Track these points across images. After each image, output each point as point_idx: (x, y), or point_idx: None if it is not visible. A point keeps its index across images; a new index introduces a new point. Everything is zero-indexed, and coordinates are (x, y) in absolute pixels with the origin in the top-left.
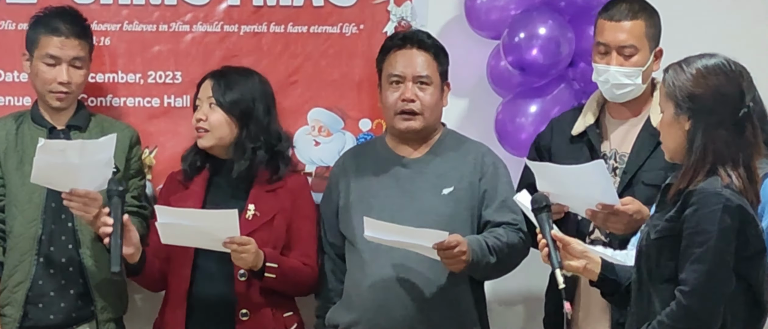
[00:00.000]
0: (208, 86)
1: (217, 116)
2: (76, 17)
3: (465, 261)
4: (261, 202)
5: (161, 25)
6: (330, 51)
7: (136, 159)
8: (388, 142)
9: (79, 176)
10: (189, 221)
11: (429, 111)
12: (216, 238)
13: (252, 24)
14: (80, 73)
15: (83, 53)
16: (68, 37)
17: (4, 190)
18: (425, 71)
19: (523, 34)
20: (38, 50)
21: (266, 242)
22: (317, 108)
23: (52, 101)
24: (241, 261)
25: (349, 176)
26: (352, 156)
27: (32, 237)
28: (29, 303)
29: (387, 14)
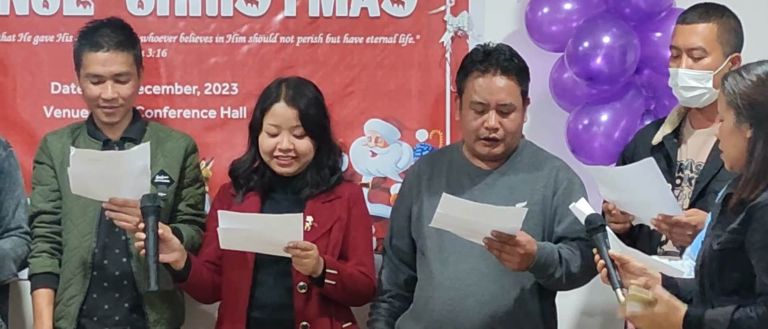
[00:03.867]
0: (291, 114)
1: (305, 144)
2: (119, 28)
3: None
4: (318, 213)
5: (218, 37)
6: (386, 61)
7: (192, 168)
8: (464, 152)
9: (117, 186)
10: (252, 225)
11: (511, 136)
12: (278, 243)
13: (308, 35)
14: (126, 86)
15: (126, 67)
16: (109, 51)
17: (61, 203)
18: (508, 99)
19: (587, 44)
20: (83, 69)
21: (324, 252)
22: (374, 119)
23: (101, 116)
24: (302, 267)
25: (422, 183)
26: (426, 163)
27: (86, 251)
28: (83, 316)
29: (443, 24)
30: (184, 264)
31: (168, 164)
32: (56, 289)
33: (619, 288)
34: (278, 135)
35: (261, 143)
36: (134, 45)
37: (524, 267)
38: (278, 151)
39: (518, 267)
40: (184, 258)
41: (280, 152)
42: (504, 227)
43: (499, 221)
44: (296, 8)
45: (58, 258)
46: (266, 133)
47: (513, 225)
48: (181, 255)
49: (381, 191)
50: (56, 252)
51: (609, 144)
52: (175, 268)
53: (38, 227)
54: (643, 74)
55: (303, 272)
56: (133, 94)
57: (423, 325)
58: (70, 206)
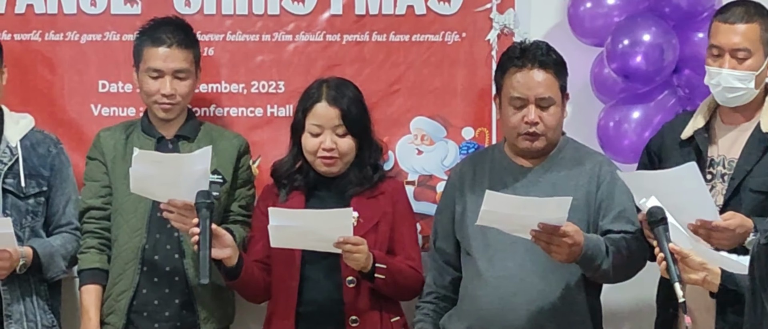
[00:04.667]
0: (333, 113)
1: (348, 143)
2: (180, 26)
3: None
4: (364, 209)
5: (264, 35)
6: (432, 59)
7: (244, 169)
8: (506, 151)
9: (177, 187)
10: (302, 222)
11: (552, 131)
12: (327, 239)
13: (354, 33)
14: (185, 83)
15: (186, 64)
16: (171, 48)
17: (111, 199)
18: (547, 93)
19: (626, 41)
20: (143, 63)
21: (372, 248)
22: (419, 117)
23: (158, 112)
24: (353, 262)
25: (465, 183)
26: (469, 163)
27: (136, 247)
28: (133, 311)
29: (489, 22)
30: (236, 262)
31: (221, 164)
32: (104, 285)
33: (677, 281)
34: (321, 135)
35: (304, 144)
36: (194, 44)
37: (572, 258)
38: (321, 150)
39: (566, 259)
40: (237, 255)
41: (323, 151)
42: (550, 219)
43: (545, 212)
44: (342, 6)
45: (106, 253)
46: (309, 133)
47: (559, 216)
48: (233, 252)
49: (427, 189)
50: (105, 247)
51: (639, 142)
52: (228, 265)
53: (87, 222)
54: (683, 74)
55: (354, 267)
56: (190, 92)
57: (470, 323)
58: (121, 202)
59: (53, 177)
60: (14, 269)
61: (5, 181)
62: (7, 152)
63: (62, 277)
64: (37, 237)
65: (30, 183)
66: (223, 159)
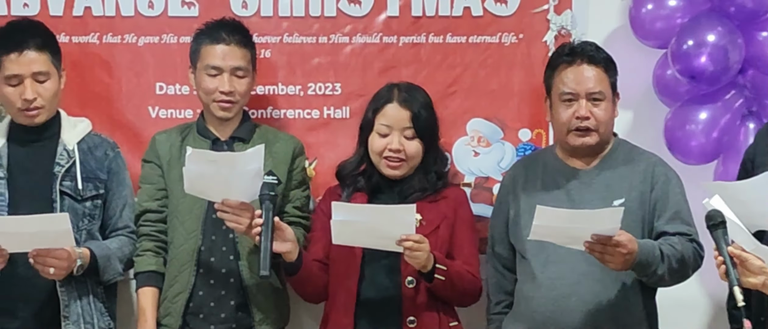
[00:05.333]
0: (403, 115)
1: (415, 146)
2: (238, 27)
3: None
4: (426, 211)
5: (321, 37)
6: (489, 61)
7: (299, 170)
8: (558, 153)
9: (231, 187)
10: (365, 217)
11: (603, 126)
12: (390, 236)
13: (411, 35)
14: (243, 82)
15: (245, 63)
16: (229, 45)
17: (167, 202)
18: (598, 87)
19: (691, 42)
20: (201, 61)
21: (433, 249)
22: (476, 118)
23: (216, 111)
24: (414, 260)
25: (518, 187)
26: (521, 167)
27: (192, 249)
28: (189, 313)
29: (547, 23)
30: (296, 257)
31: (276, 165)
32: (160, 288)
33: (736, 285)
34: (389, 135)
35: (371, 144)
36: (251, 45)
37: (627, 266)
38: (388, 151)
39: (621, 267)
40: (297, 250)
41: (390, 152)
42: (602, 230)
43: (597, 224)
44: (399, 8)
45: (162, 256)
46: (377, 133)
47: (611, 226)
48: (293, 247)
49: (483, 191)
50: (161, 250)
51: (707, 144)
52: (288, 260)
53: (144, 225)
54: (747, 74)
55: (415, 265)
56: (247, 91)
57: (526, 326)
58: (177, 204)
59: (110, 180)
60: (71, 270)
61: (62, 183)
62: (65, 154)
63: (118, 280)
64: (94, 240)
65: (87, 186)
66: (278, 160)
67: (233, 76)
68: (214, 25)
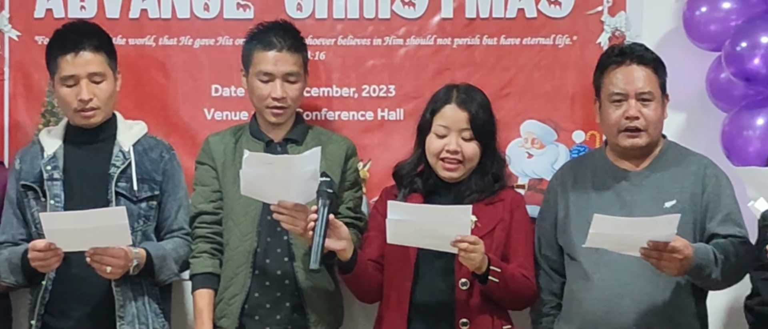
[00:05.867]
0: (461, 116)
1: (472, 147)
2: (290, 31)
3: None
4: (482, 214)
5: (375, 40)
6: (543, 63)
7: (352, 171)
8: (607, 155)
9: (287, 189)
10: (421, 217)
11: (653, 127)
12: (445, 237)
13: (465, 37)
14: (295, 87)
15: (296, 68)
16: (281, 51)
17: (222, 203)
18: (647, 87)
19: (745, 44)
20: (253, 66)
21: (487, 252)
22: (530, 120)
23: (268, 117)
24: (469, 261)
25: (567, 188)
26: (570, 169)
27: (247, 250)
28: (245, 315)
29: (600, 25)
30: (351, 255)
31: (329, 166)
32: (216, 289)
33: None
34: (446, 136)
35: (428, 145)
36: (303, 48)
37: (682, 271)
38: (445, 152)
39: (677, 272)
40: (351, 248)
41: (447, 153)
42: (659, 236)
43: (654, 231)
44: (453, 10)
45: (218, 258)
46: (435, 134)
47: (668, 232)
48: (348, 244)
49: (537, 193)
50: (217, 252)
51: (765, 149)
52: (342, 258)
53: (199, 227)
54: None
55: (469, 266)
56: (299, 95)
57: (577, 326)
58: (232, 206)
59: (165, 182)
60: (127, 270)
61: (118, 184)
62: (120, 156)
63: (173, 280)
64: (149, 241)
65: (142, 187)
66: (331, 162)
67: (285, 82)
68: (266, 30)
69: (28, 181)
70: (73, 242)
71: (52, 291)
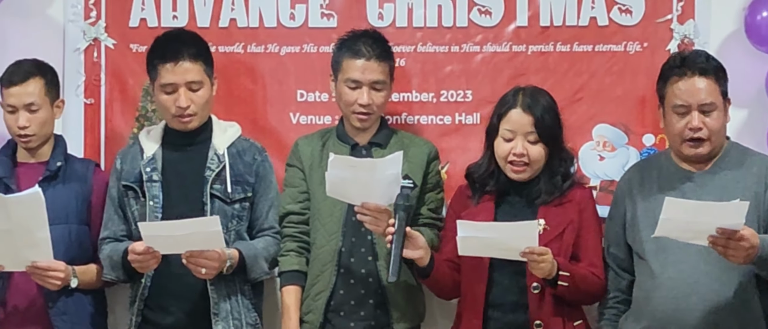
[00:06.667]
0: (526, 120)
1: (538, 150)
2: (379, 40)
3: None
4: (550, 216)
5: (453, 47)
6: (614, 69)
7: (433, 173)
8: (672, 157)
9: (370, 191)
10: (489, 234)
11: (715, 135)
12: (513, 248)
13: (539, 44)
14: (380, 94)
15: (383, 76)
16: (369, 60)
17: (310, 204)
18: (709, 98)
19: None
20: (342, 73)
21: (557, 254)
22: (602, 124)
23: (354, 122)
24: (538, 270)
25: (634, 190)
26: (637, 171)
27: (333, 249)
28: (330, 310)
29: (670, 32)
30: (428, 262)
31: (412, 169)
32: (303, 286)
33: None
34: (513, 140)
35: (496, 148)
36: (390, 57)
37: (748, 260)
38: (512, 156)
39: (743, 261)
40: (428, 255)
41: (514, 156)
42: (727, 224)
43: (722, 217)
44: (528, 18)
45: (305, 256)
46: (502, 138)
47: (737, 221)
48: (425, 253)
49: (608, 194)
50: (304, 250)
51: None
52: (420, 265)
53: (287, 226)
54: None
55: (538, 275)
56: (384, 102)
57: (646, 324)
58: (319, 207)
59: (258, 184)
60: (222, 270)
61: (213, 186)
62: (215, 159)
63: (264, 278)
64: (242, 240)
65: (236, 189)
66: (414, 165)
67: (372, 89)
68: (356, 38)
69: (128, 181)
70: (171, 246)
71: (151, 288)
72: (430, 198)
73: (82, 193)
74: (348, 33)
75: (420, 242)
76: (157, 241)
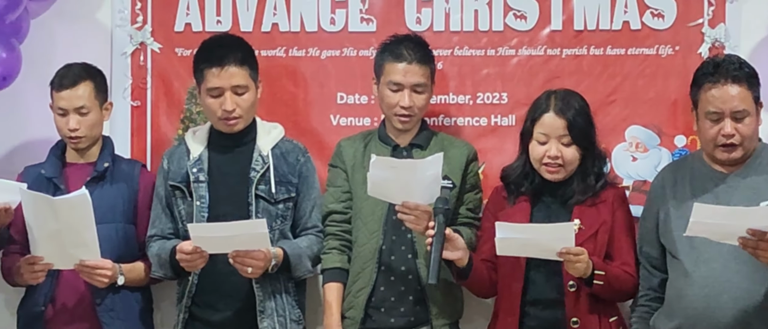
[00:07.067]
0: (559, 123)
1: (572, 152)
2: (420, 44)
3: None
4: (585, 217)
5: (489, 50)
6: (647, 71)
7: (472, 174)
8: (705, 158)
9: (411, 191)
10: (526, 235)
11: (748, 140)
12: (550, 249)
13: (573, 47)
14: (422, 97)
15: (424, 79)
16: (411, 63)
17: (352, 203)
18: (742, 105)
19: None
20: (384, 76)
21: (591, 253)
22: (634, 125)
23: (396, 123)
24: (574, 270)
25: (667, 190)
26: (670, 171)
27: (374, 248)
28: (371, 307)
29: (701, 36)
30: (467, 262)
31: (451, 170)
32: (345, 283)
33: None
34: (547, 143)
35: (531, 151)
36: (431, 61)
37: None
38: (547, 158)
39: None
40: (467, 256)
41: (548, 159)
42: (758, 226)
43: (753, 220)
44: (562, 22)
45: (347, 254)
46: (536, 141)
47: (766, 223)
48: (464, 254)
49: (641, 194)
50: (346, 248)
51: None
52: (459, 266)
53: (330, 225)
54: None
55: (574, 274)
56: (425, 105)
57: (678, 322)
58: (360, 206)
59: (301, 184)
60: (267, 268)
61: (258, 187)
62: (260, 160)
63: (308, 276)
64: (285, 239)
65: (280, 189)
66: (453, 166)
67: (413, 92)
68: (398, 42)
69: (175, 181)
70: (218, 246)
71: (199, 285)
72: (469, 198)
73: (128, 193)
74: (390, 37)
75: (459, 244)
76: (205, 241)
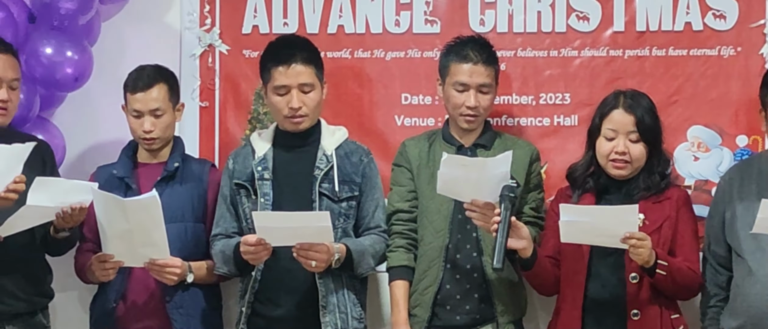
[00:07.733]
0: (628, 120)
1: (639, 149)
2: (485, 45)
3: None
4: (650, 212)
5: (552, 51)
6: (708, 72)
7: (535, 174)
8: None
9: (479, 189)
10: (591, 217)
11: None
12: (614, 234)
13: (635, 48)
14: (487, 97)
15: (489, 80)
16: (476, 64)
17: (417, 203)
18: None
19: None
20: (449, 77)
21: (655, 248)
22: (696, 126)
23: (461, 123)
24: (637, 256)
25: (734, 190)
26: (737, 171)
27: (440, 246)
28: (437, 304)
29: (763, 37)
30: (531, 253)
31: (515, 170)
32: (411, 281)
33: None
34: (615, 139)
35: (598, 147)
36: (495, 61)
37: None
38: (614, 154)
39: None
40: (532, 247)
41: (616, 154)
42: None
43: None
44: (624, 24)
45: (413, 252)
46: (604, 137)
47: None
48: (528, 243)
49: (703, 193)
50: (412, 247)
51: None
52: (523, 255)
53: (395, 224)
54: None
55: (637, 261)
56: (490, 105)
57: (743, 320)
58: (426, 205)
59: (364, 184)
60: (330, 264)
61: (321, 185)
62: (324, 159)
63: (370, 273)
64: (348, 238)
65: (343, 188)
66: (517, 165)
67: (478, 92)
68: (463, 43)
69: (240, 180)
70: (282, 239)
71: (261, 281)
72: (532, 198)
73: (198, 192)
74: (455, 38)
75: (524, 233)
76: (269, 233)
